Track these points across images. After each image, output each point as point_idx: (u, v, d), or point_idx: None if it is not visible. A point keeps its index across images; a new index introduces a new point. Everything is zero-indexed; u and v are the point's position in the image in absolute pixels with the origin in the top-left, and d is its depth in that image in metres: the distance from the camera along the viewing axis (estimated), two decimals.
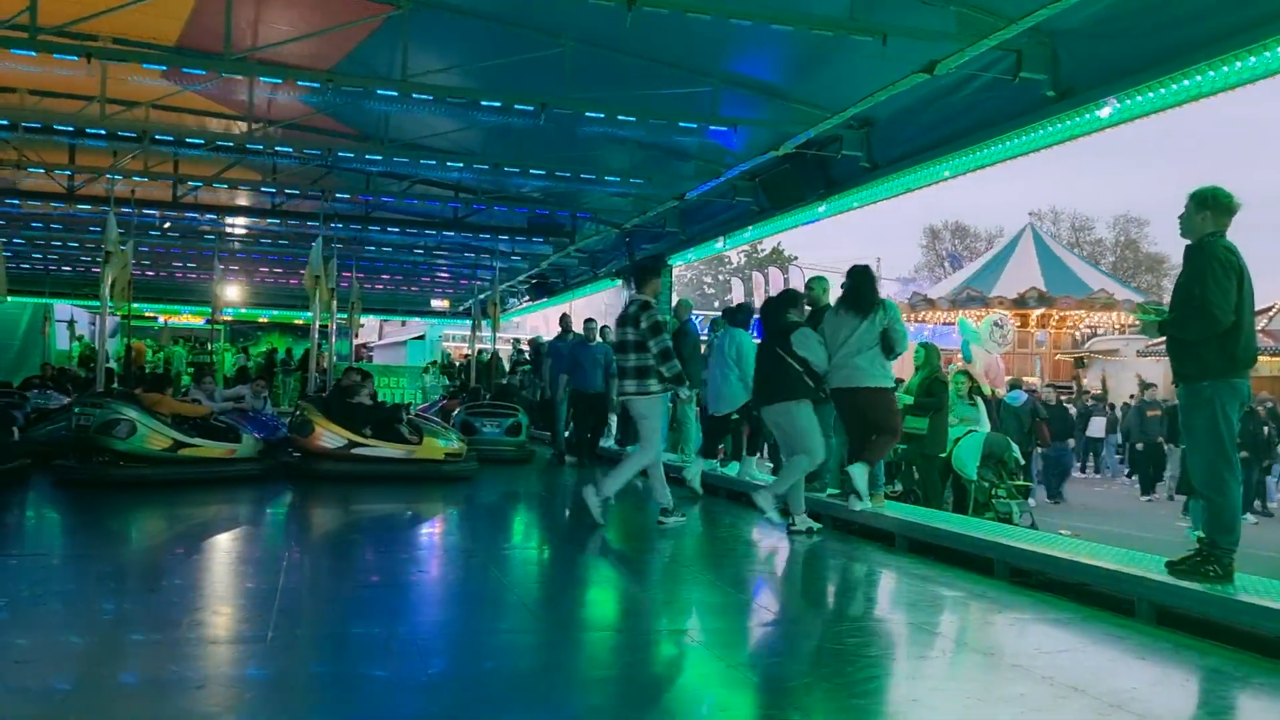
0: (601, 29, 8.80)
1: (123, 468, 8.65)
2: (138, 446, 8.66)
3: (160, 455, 8.78)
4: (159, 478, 8.77)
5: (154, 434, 8.74)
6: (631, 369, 7.54)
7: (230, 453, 9.29)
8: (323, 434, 9.63)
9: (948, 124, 8.47)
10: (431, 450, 9.99)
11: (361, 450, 9.66)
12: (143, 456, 8.70)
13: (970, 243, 56.01)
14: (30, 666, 3.76)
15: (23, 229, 18.71)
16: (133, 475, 8.65)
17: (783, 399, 7.25)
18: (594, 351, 12.13)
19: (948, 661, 4.44)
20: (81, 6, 8.34)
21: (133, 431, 8.64)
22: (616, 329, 8.09)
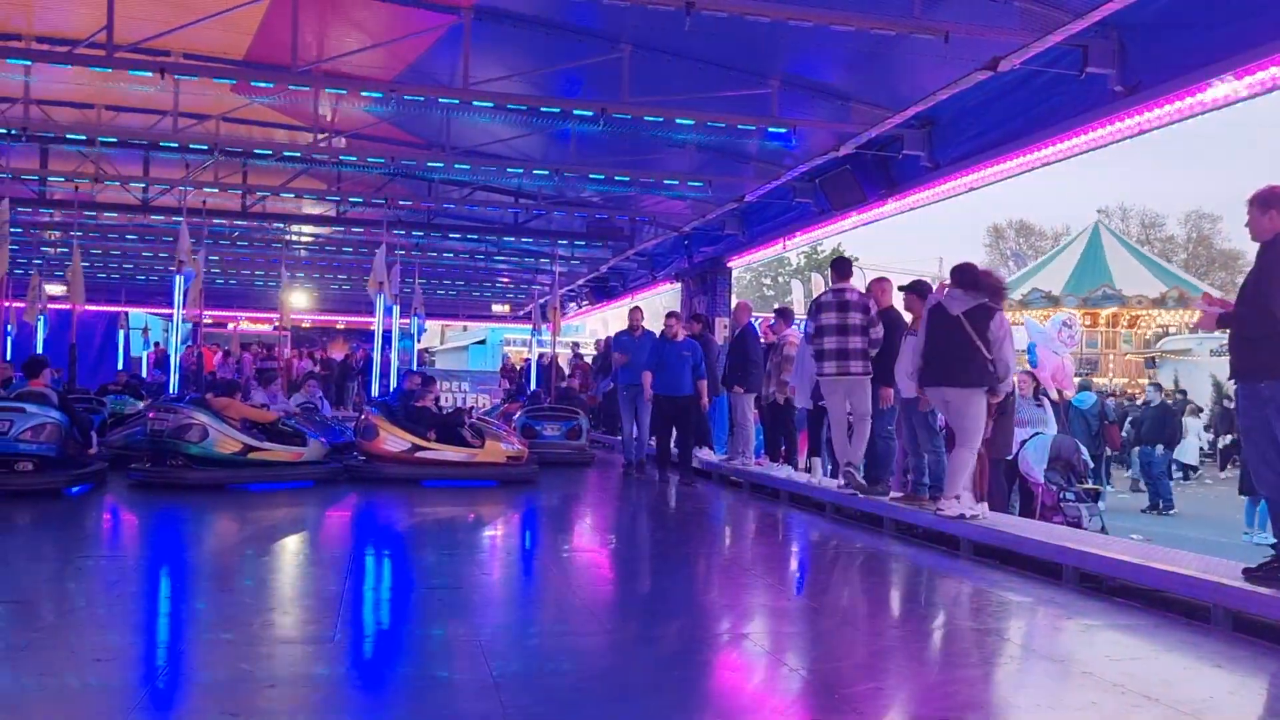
0: (660, 33, 8.82)
1: (195, 471, 8.87)
2: (209, 451, 8.88)
3: (230, 459, 8.99)
4: (229, 481, 8.99)
5: (224, 438, 8.96)
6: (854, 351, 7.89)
7: (297, 456, 9.49)
8: (387, 438, 9.79)
9: (1011, 121, 8.34)
10: (494, 453, 10.08)
11: (425, 454, 9.80)
12: (214, 460, 8.92)
13: (1035, 241, 54.91)
14: (108, 664, 3.89)
15: (100, 240, 19.32)
16: (204, 478, 8.87)
17: (969, 385, 6.82)
18: (679, 348, 10.66)
19: (1015, 668, 4.36)
20: (155, 24, 8.61)
21: (204, 436, 8.86)
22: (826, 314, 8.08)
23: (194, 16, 8.65)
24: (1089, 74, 7.15)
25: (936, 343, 6.83)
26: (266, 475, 9.20)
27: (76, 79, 10.70)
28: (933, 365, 6.89)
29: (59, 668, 3.85)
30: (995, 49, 7.07)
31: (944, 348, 6.78)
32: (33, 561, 6.22)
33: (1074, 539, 6.41)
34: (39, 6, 9.79)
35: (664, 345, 10.65)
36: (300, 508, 8.54)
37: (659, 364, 10.54)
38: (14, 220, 17.21)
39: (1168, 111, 6.91)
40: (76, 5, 9.32)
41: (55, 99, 12.01)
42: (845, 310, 8.00)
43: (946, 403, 6.92)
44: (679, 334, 10.78)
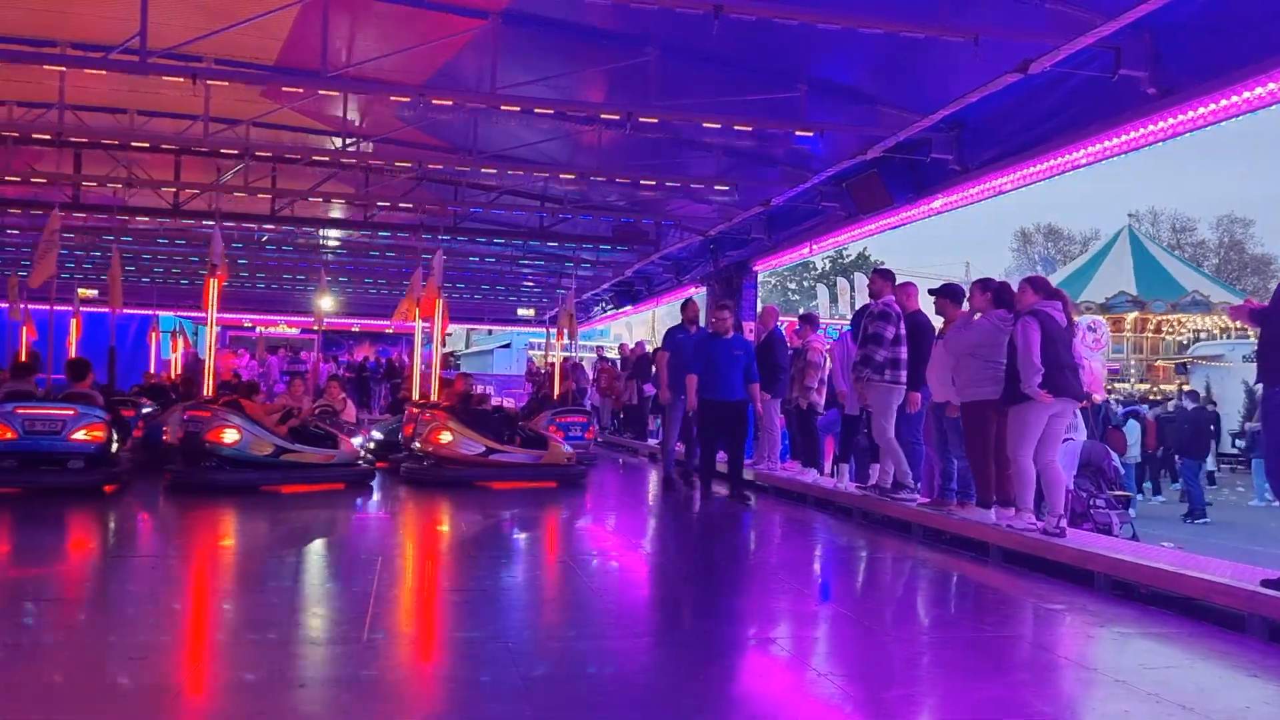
0: (687, 37, 8.82)
1: (227, 473, 8.95)
2: (243, 453, 8.96)
3: (263, 460, 9.06)
4: (262, 483, 9.06)
5: (257, 440, 9.04)
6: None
7: (328, 458, 9.54)
8: (462, 440, 9.92)
9: (1041, 124, 8.26)
10: (557, 455, 10.35)
11: (497, 456, 10.01)
12: (247, 461, 9.00)
13: (1064, 246, 54.49)
14: (141, 663, 3.92)
15: (132, 243, 19.52)
16: (237, 480, 8.95)
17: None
18: (730, 346, 9.48)
19: (1047, 676, 4.32)
20: (187, 30, 8.69)
21: (238, 437, 8.94)
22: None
23: (226, 22, 8.71)
24: (1121, 76, 7.07)
25: (1059, 352, 6.51)
26: (298, 477, 9.26)
27: (110, 84, 10.82)
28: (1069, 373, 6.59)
29: (94, 665, 3.90)
30: (1026, 51, 7.01)
31: (1066, 358, 6.54)
32: (67, 560, 6.30)
33: (1105, 545, 6.35)
34: (73, 13, 9.91)
35: (712, 342, 9.49)
36: (331, 509, 8.60)
37: (707, 364, 9.37)
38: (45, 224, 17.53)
39: (1202, 114, 6.82)
40: (110, 11, 9.43)
41: (89, 104, 12.15)
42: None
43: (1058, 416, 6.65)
44: (730, 329, 9.58)
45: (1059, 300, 6.65)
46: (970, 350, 7.00)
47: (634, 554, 7.44)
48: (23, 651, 4.11)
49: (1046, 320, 6.43)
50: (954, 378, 7.19)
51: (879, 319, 7.93)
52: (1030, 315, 6.48)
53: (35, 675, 3.75)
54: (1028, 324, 6.41)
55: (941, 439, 7.55)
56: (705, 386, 9.29)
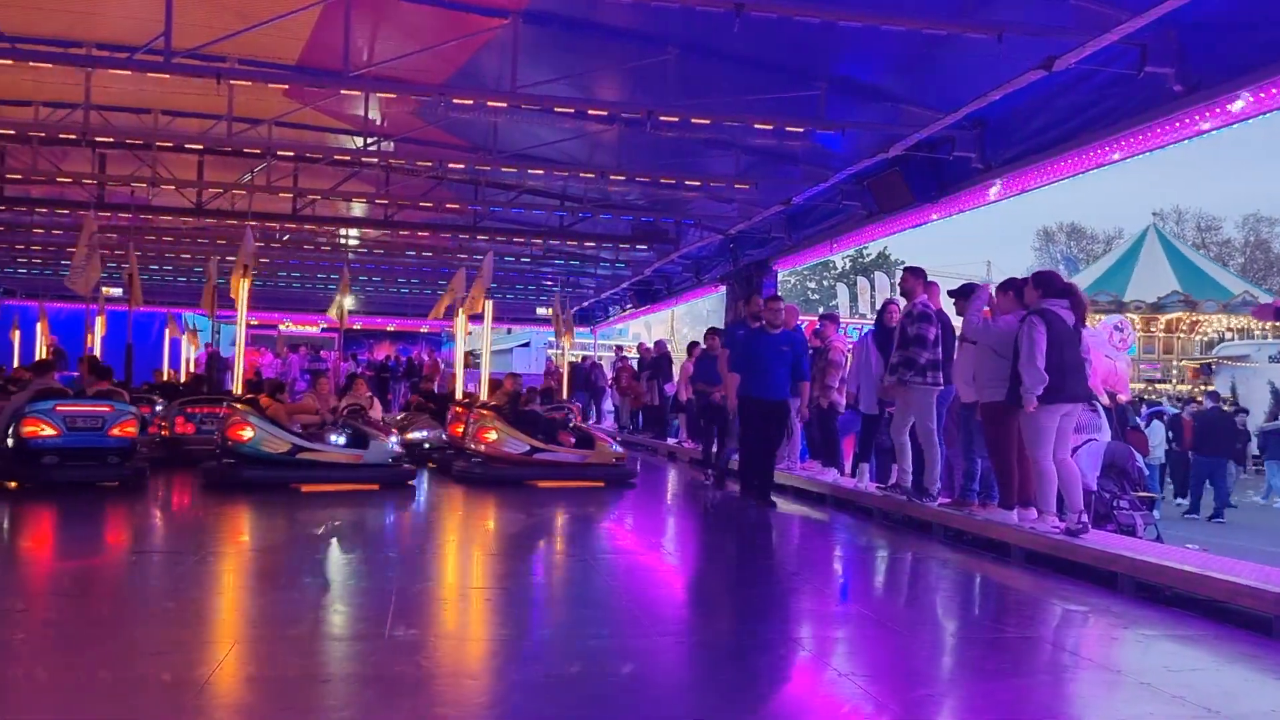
0: (707, 36, 8.81)
1: (250, 470, 9.01)
2: (257, 450, 9.02)
3: (278, 458, 9.10)
4: (290, 480, 9.09)
5: (271, 438, 9.09)
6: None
7: (356, 458, 9.49)
8: (507, 440, 10.00)
9: (1066, 122, 8.21)
10: (604, 455, 10.40)
11: (543, 455, 10.08)
12: (262, 459, 9.05)
13: (1087, 245, 54.05)
14: (167, 657, 3.95)
15: (156, 242, 19.69)
16: (266, 477, 9.00)
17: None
18: (777, 342, 8.89)
19: (1070, 677, 4.29)
20: (211, 30, 8.75)
21: (252, 435, 9.01)
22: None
23: (249, 22, 8.76)
24: (1147, 73, 7.01)
25: (1065, 355, 6.44)
26: (323, 476, 9.27)
27: (135, 84, 10.91)
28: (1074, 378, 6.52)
29: (119, 660, 3.93)
30: (1050, 48, 6.96)
31: (1073, 359, 6.50)
32: (93, 555, 6.36)
33: (1128, 547, 6.29)
34: (98, 14, 10.00)
35: (758, 337, 8.92)
36: (357, 508, 8.57)
37: (751, 360, 8.84)
38: (73, 223, 17.71)
39: (1229, 112, 6.76)
40: (135, 12, 9.51)
41: (114, 104, 12.26)
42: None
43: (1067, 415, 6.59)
44: (782, 324, 8.98)
45: (1066, 298, 6.58)
46: (993, 347, 6.95)
47: (657, 553, 7.43)
48: (49, 644, 4.15)
49: (1053, 320, 6.38)
50: (974, 377, 7.14)
51: (920, 320, 7.80)
52: (1036, 315, 6.43)
53: (65, 668, 3.80)
54: (1033, 324, 6.36)
55: (967, 439, 7.49)
56: (748, 384, 8.80)
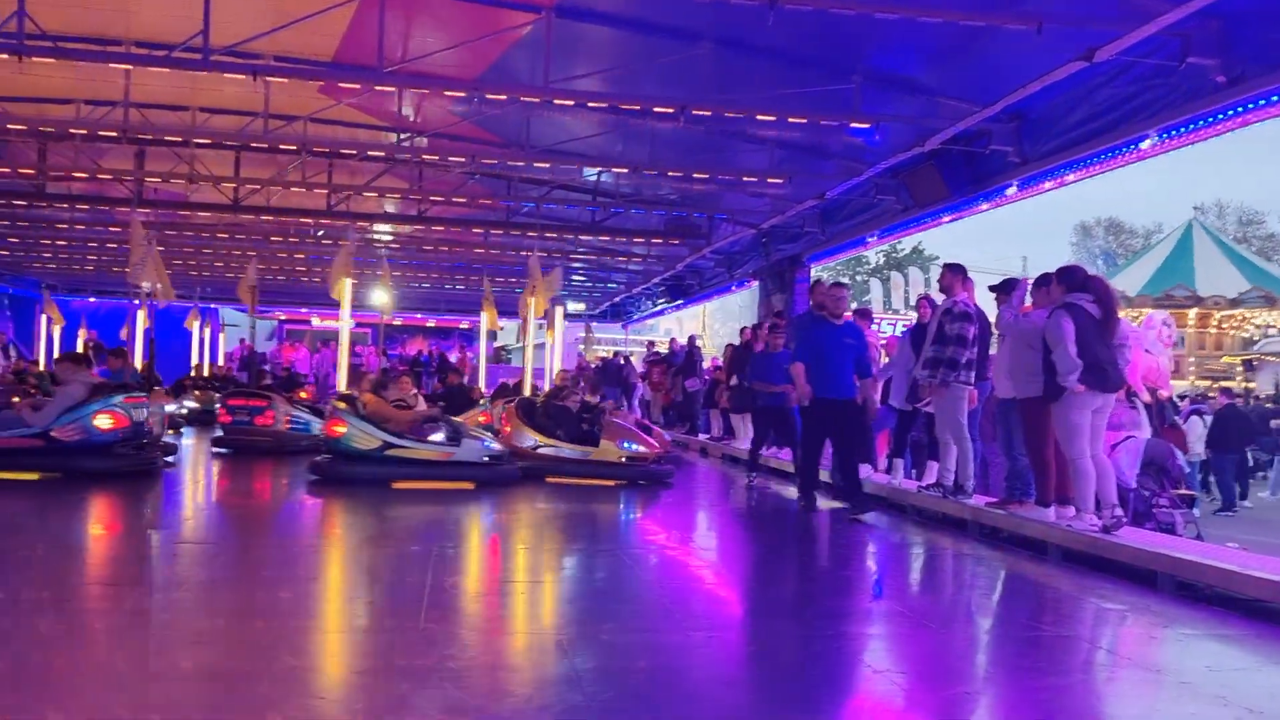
0: (741, 30, 8.77)
1: (345, 465, 9.05)
2: (347, 446, 9.07)
3: (368, 454, 9.08)
4: (374, 476, 9.03)
5: (361, 434, 9.10)
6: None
7: (447, 456, 9.39)
8: (517, 434, 10.11)
9: (1106, 114, 8.10)
10: (607, 453, 10.22)
11: (544, 450, 10.05)
12: (352, 455, 9.08)
13: (1125, 239, 53.30)
14: (205, 647, 4.00)
15: (193, 238, 19.95)
16: (353, 472, 9.01)
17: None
18: (840, 334, 8.21)
19: (1109, 677, 4.23)
20: (248, 28, 8.84)
21: (344, 431, 9.07)
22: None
23: (285, 19, 8.84)
24: (1190, 64, 6.90)
25: (1094, 347, 6.35)
26: (418, 474, 9.19)
27: (173, 81, 11.05)
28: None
29: (160, 648, 3.99)
30: (1090, 39, 6.87)
31: (1102, 353, 6.40)
32: (137, 545, 6.45)
33: (1168, 545, 6.20)
34: (137, 12, 10.13)
35: (819, 328, 8.21)
36: (417, 504, 8.55)
37: (813, 354, 8.12)
38: (111, 219, 18.00)
39: (1275, 103, 6.63)
40: (173, 10, 9.62)
41: (153, 101, 12.42)
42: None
43: (1099, 410, 6.52)
44: (845, 313, 8.32)
45: (1090, 293, 6.48)
46: (1027, 341, 6.88)
47: (689, 549, 7.42)
48: (80, 635, 4.21)
49: (1078, 314, 6.31)
50: (1010, 373, 7.07)
51: (960, 319, 7.66)
52: (1062, 309, 6.37)
53: (100, 658, 3.86)
54: (1059, 318, 6.29)
55: (1007, 437, 7.40)
56: (812, 382, 8.08)
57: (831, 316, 8.21)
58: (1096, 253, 52.29)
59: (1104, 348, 6.35)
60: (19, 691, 3.42)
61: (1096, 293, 6.45)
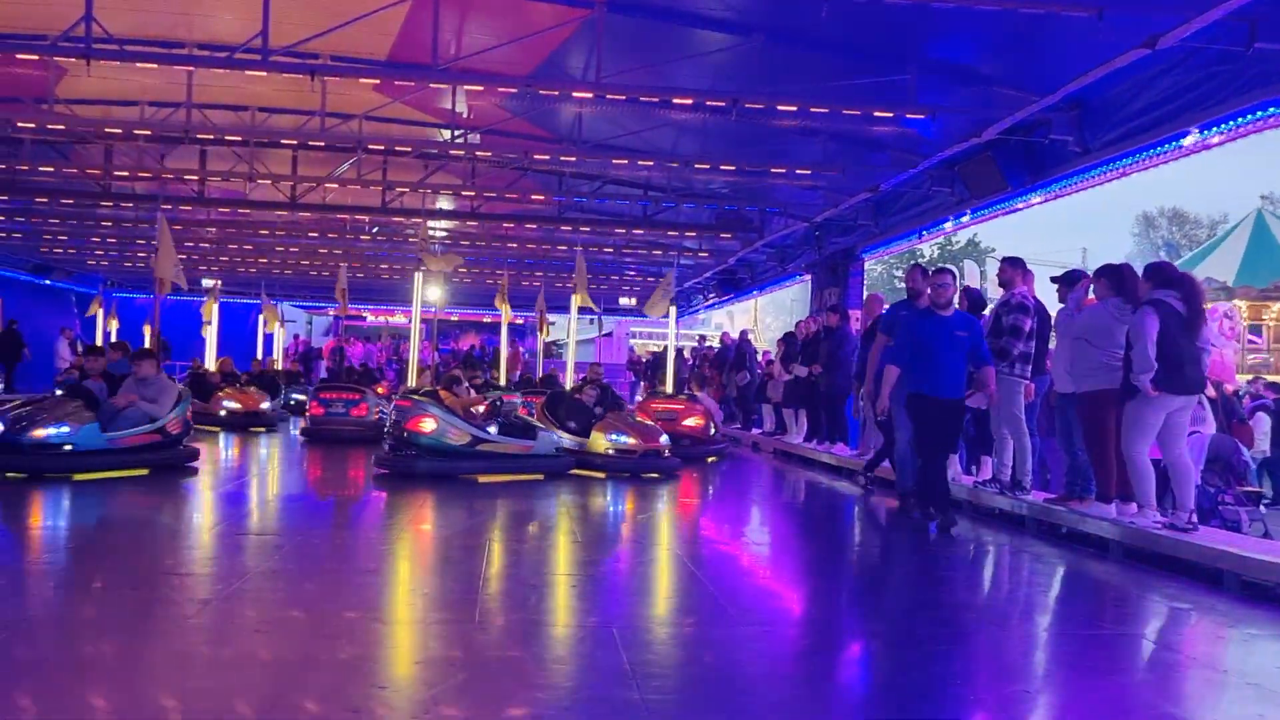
0: (794, 22, 8.72)
1: (425, 461, 9.12)
2: (440, 442, 9.16)
3: (459, 450, 9.21)
4: (460, 471, 9.18)
5: (455, 430, 9.22)
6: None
7: (527, 449, 9.56)
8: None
9: (1170, 101, 7.90)
10: (596, 444, 10.27)
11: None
12: (444, 451, 9.18)
13: (1190, 230, 51.98)
14: (267, 635, 4.09)
15: (253, 235, 20.33)
16: (435, 468, 9.09)
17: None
18: (951, 325, 7.32)
19: (1173, 676, 4.15)
20: (305, 28, 8.98)
21: (435, 427, 9.17)
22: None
23: (341, 19, 8.97)
24: (1256, 49, 6.70)
25: (1180, 345, 6.20)
26: (495, 467, 9.34)
27: (233, 82, 11.27)
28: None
29: (223, 637, 4.08)
30: (1153, 25, 6.71)
31: (1187, 350, 6.25)
32: (207, 535, 6.60)
33: (1234, 543, 6.05)
34: (198, 14, 10.36)
35: (925, 321, 7.44)
36: (470, 497, 8.63)
37: (918, 350, 7.36)
38: (175, 218, 18.40)
39: None
40: (233, 13, 9.82)
41: (214, 102, 12.68)
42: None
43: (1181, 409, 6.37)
44: (952, 302, 7.47)
45: (1178, 290, 6.33)
46: (1081, 336, 6.76)
47: (742, 544, 7.41)
48: (155, 624, 4.33)
49: (1165, 311, 6.16)
50: (1069, 367, 6.94)
51: (1017, 311, 7.57)
52: (1148, 306, 6.23)
53: (171, 645, 3.97)
54: (1144, 315, 6.16)
55: (1066, 432, 7.27)
56: (918, 379, 7.32)
57: (938, 307, 7.38)
58: (1159, 244, 51.13)
59: (1188, 346, 6.20)
60: (101, 675, 3.53)
61: (1184, 290, 6.31)
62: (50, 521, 6.94)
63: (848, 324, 12.25)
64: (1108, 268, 7.01)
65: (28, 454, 8.11)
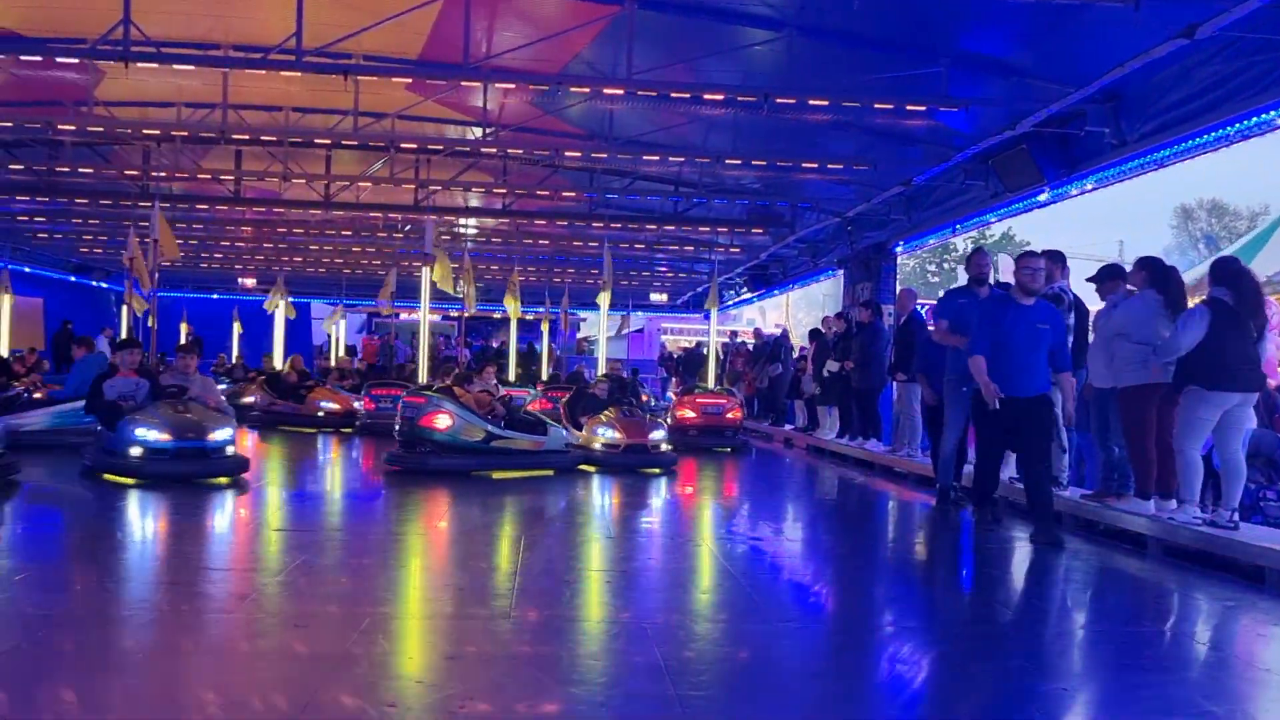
0: (825, 16, 8.67)
1: (440, 458, 9.15)
2: (455, 438, 9.20)
3: (474, 446, 9.25)
4: (472, 468, 9.21)
5: (469, 426, 9.26)
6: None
7: (538, 445, 9.59)
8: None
9: (1208, 92, 7.77)
10: (586, 439, 10.35)
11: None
12: (459, 447, 9.22)
13: (1229, 222, 51.09)
14: (305, 630, 4.14)
15: (287, 234, 20.55)
16: (450, 465, 9.13)
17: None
18: (1032, 316, 6.65)
19: (1214, 675, 4.09)
20: (338, 29, 9.06)
21: (450, 423, 9.22)
22: None
23: (375, 19, 9.05)
24: None
25: (1233, 345, 6.09)
26: (508, 463, 9.36)
27: (268, 83, 11.39)
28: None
29: (263, 630, 4.14)
30: (1191, 14, 6.60)
31: (1243, 351, 6.14)
32: (241, 533, 6.69)
33: (1277, 541, 5.94)
34: (234, 16, 10.47)
35: (1004, 309, 6.72)
36: (498, 493, 8.68)
37: (994, 342, 6.65)
38: (211, 218, 18.65)
39: None
40: (267, 14, 9.92)
41: (249, 103, 12.82)
42: None
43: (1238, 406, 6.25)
44: (1038, 290, 6.75)
45: (1235, 289, 6.23)
46: (1119, 330, 6.67)
47: (774, 540, 7.38)
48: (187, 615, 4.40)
49: (1219, 309, 6.09)
50: (1108, 362, 6.85)
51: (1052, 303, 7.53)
52: (1204, 303, 6.20)
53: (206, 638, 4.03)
54: (1197, 310, 6.14)
55: (1102, 426, 7.18)
56: (991, 375, 6.61)
57: (1021, 294, 6.67)
58: (1198, 236, 50.30)
59: (1244, 345, 6.10)
60: (140, 666, 3.60)
61: (1240, 286, 6.22)
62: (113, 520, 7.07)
63: (880, 319, 12.17)
64: (1146, 259, 6.92)
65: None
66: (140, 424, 8.11)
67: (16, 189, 15.78)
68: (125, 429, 8.09)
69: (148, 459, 8.03)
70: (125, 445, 8.04)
